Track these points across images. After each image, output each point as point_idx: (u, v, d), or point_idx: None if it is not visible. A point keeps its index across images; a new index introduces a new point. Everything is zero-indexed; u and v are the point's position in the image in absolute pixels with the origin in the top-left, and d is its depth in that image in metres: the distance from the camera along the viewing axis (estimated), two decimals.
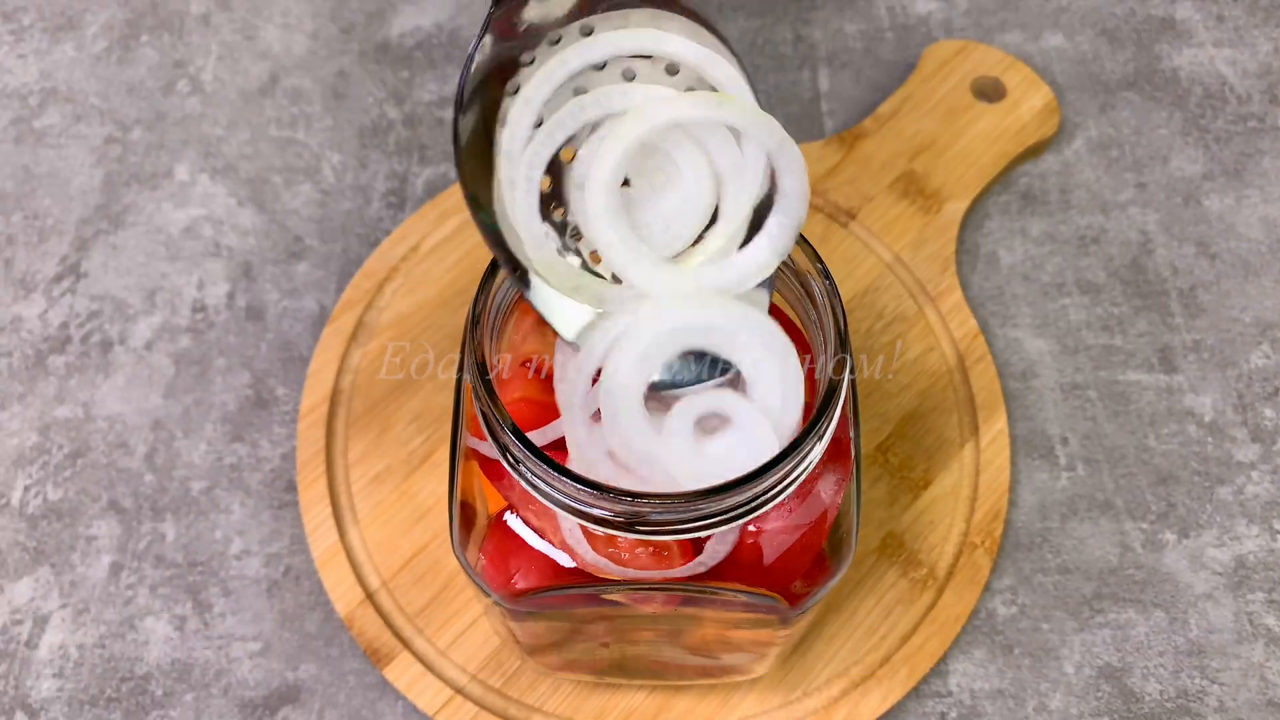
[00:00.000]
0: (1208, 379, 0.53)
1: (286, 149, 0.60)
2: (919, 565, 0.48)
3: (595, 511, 0.31)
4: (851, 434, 0.36)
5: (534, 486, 0.32)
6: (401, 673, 0.46)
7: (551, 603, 0.36)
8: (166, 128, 0.61)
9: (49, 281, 0.56)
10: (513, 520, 0.35)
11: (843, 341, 0.34)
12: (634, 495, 0.31)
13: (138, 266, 0.57)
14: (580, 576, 0.35)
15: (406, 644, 0.47)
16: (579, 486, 0.31)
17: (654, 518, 0.31)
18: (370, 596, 0.48)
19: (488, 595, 0.37)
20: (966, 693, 0.47)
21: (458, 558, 0.37)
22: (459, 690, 0.46)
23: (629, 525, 0.32)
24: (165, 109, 0.62)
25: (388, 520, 0.49)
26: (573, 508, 0.32)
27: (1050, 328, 0.55)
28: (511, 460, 0.32)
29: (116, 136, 0.61)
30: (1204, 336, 0.54)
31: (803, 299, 0.36)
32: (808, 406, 0.34)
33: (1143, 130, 0.60)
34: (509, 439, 0.32)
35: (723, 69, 0.33)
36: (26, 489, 0.51)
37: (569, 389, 0.33)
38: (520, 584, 0.36)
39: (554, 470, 0.31)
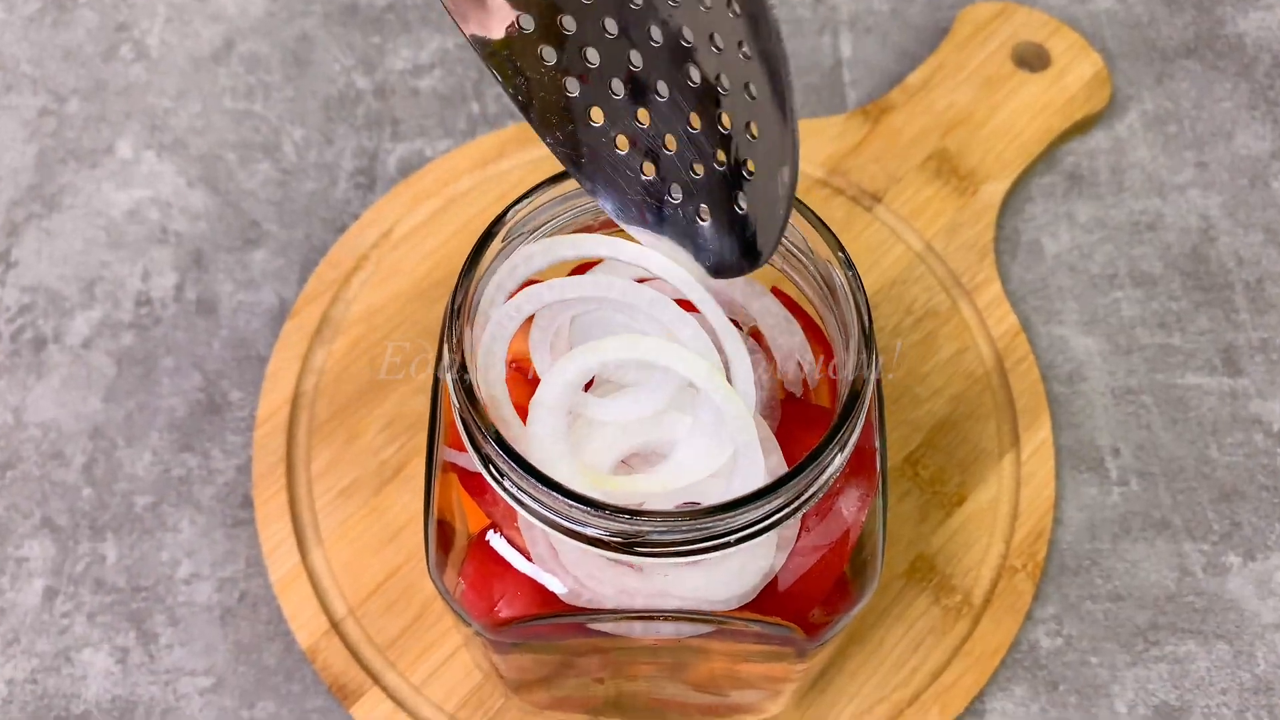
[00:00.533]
0: (1277, 383, 0.54)
1: (242, 122, 0.61)
2: (952, 591, 0.49)
3: (590, 531, 0.31)
4: (877, 443, 0.36)
5: (520, 503, 0.32)
6: (370, 711, 0.47)
7: (539, 633, 0.36)
8: (107, 98, 0.61)
9: None
10: (496, 540, 0.35)
11: (867, 339, 0.34)
12: (634, 513, 0.31)
13: (75, 254, 0.57)
14: (571, 605, 0.35)
15: (376, 679, 0.47)
16: (572, 503, 0.31)
17: (655, 538, 0.31)
18: (336, 625, 0.48)
19: (468, 625, 0.37)
20: None
21: (434, 582, 0.37)
22: None
23: (626, 547, 0.31)
24: (106, 77, 0.62)
25: (355, 539, 0.50)
26: (564, 526, 0.32)
27: (1100, 325, 0.55)
28: (495, 474, 0.32)
29: (51, 108, 0.61)
30: (1273, 335, 0.55)
31: (822, 291, 0.36)
32: (828, 412, 0.34)
33: (1204, 103, 0.61)
34: (492, 449, 0.32)
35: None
36: None
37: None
38: (504, 612, 0.36)
39: (543, 485, 0.31)
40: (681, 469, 0.34)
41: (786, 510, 0.32)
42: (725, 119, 0.32)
